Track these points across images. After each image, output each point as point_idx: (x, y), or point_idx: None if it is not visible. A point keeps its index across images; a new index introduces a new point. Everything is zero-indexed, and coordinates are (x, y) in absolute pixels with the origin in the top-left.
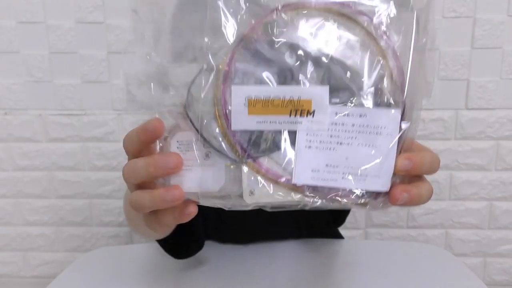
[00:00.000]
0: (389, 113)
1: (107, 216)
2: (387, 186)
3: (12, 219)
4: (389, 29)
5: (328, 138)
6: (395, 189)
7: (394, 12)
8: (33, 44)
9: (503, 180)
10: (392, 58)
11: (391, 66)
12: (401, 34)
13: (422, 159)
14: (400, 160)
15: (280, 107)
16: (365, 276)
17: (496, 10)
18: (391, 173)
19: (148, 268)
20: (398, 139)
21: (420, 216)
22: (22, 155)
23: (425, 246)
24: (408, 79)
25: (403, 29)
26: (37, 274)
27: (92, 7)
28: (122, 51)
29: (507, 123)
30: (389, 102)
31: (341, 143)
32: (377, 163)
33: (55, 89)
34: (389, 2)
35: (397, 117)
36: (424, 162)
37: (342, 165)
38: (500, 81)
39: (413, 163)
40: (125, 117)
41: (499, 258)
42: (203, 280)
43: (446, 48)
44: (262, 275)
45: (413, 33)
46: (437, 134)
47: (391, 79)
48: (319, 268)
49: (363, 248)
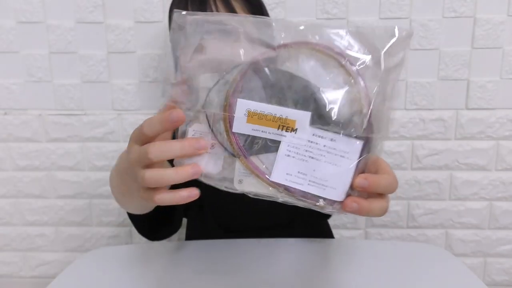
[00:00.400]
0: (354, 143)
1: (107, 216)
2: (342, 197)
3: (11, 219)
4: (365, 74)
5: (303, 152)
6: (348, 199)
7: (370, 61)
8: (33, 44)
9: (503, 180)
10: (365, 99)
11: (363, 104)
12: (375, 80)
13: (379, 180)
14: (358, 179)
15: (271, 121)
16: (365, 276)
17: (496, 10)
18: (346, 188)
19: (148, 268)
20: (358, 163)
21: (420, 216)
22: (22, 155)
23: (425, 246)
24: (376, 116)
25: (378, 75)
26: (37, 274)
27: (92, 7)
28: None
29: (507, 123)
30: (356, 134)
31: (313, 158)
32: (336, 178)
33: (55, 89)
34: (368, 55)
35: (358, 148)
36: (380, 184)
37: (310, 174)
38: (500, 81)
39: (369, 182)
40: (125, 117)
41: (499, 258)
42: (203, 280)
43: (446, 48)
44: (262, 275)
45: (384, 77)
46: (437, 134)
47: (360, 115)
48: (319, 268)
49: (363, 248)
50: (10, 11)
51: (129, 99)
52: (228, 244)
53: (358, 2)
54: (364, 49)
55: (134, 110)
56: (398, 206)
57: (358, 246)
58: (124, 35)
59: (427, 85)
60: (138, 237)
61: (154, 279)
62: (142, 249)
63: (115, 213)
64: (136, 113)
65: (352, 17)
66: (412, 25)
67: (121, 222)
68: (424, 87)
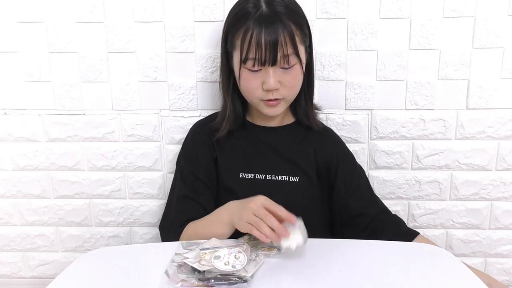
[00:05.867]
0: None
1: (107, 216)
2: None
3: (11, 219)
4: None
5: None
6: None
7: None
8: (33, 44)
9: (504, 180)
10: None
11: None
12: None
13: None
14: None
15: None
16: (365, 276)
17: (496, 10)
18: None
19: (148, 268)
20: None
21: (421, 216)
22: (22, 155)
23: (425, 246)
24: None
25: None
26: (37, 275)
27: (91, 6)
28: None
29: (508, 123)
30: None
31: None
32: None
33: (55, 89)
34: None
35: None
36: None
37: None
38: (500, 81)
39: None
40: (124, 117)
41: (500, 258)
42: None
43: (446, 48)
44: (262, 275)
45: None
46: (438, 134)
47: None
48: (319, 268)
49: (363, 248)
50: (10, 11)
51: (128, 99)
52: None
53: (358, 2)
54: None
55: (134, 110)
56: (398, 206)
57: (358, 246)
58: (124, 35)
59: (427, 85)
60: (138, 237)
61: (153, 279)
62: (142, 249)
63: (115, 213)
64: (136, 113)
65: (352, 17)
66: (412, 25)
67: (121, 222)
68: (424, 87)
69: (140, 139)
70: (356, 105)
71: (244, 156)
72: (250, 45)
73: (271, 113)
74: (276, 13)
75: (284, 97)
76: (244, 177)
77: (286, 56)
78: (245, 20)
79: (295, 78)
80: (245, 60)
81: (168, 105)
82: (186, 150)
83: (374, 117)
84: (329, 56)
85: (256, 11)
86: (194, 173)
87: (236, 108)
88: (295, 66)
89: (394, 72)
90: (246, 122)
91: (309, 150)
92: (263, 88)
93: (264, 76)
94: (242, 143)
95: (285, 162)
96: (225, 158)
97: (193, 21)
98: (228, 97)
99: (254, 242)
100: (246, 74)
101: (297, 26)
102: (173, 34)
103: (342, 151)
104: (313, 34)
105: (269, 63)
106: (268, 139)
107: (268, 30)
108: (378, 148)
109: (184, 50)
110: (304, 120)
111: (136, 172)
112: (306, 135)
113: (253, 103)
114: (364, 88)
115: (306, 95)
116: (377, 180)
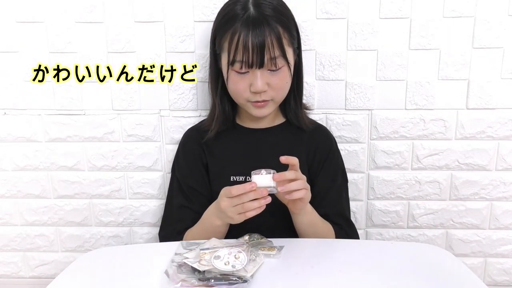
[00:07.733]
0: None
1: (107, 216)
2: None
3: (11, 219)
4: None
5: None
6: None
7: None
8: (33, 44)
9: (504, 180)
10: None
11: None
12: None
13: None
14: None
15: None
16: (365, 276)
17: (496, 10)
18: None
19: (148, 268)
20: None
21: (421, 216)
22: (22, 155)
23: (425, 246)
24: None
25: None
26: (37, 275)
27: (91, 6)
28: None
29: (508, 123)
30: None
31: None
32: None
33: (55, 89)
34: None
35: None
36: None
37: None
38: (500, 81)
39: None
40: (124, 117)
41: (500, 258)
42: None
43: (446, 48)
44: (262, 275)
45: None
46: (438, 134)
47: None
48: (319, 268)
49: (363, 248)
50: (10, 11)
51: (128, 99)
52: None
53: (358, 2)
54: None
55: (133, 110)
56: (398, 206)
57: (358, 246)
58: (124, 35)
59: (427, 85)
60: (138, 237)
61: (153, 279)
62: (142, 249)
63: (115, 213)
64: (135, 113)
65: (352, 17)
66: (412, 25)
67: (121, 222)
68: (424, 87)
69: (140, 139)
70: (356, 105)
71: (234, 159)
72: (237, 48)
73: (259, 114)
74: (263, 15)
75: (272, 98)
76: (235, 180)
77: (273, 58)
78: (233, 22)
79: (282, 80)
80: (232, 62)
81: (168, 105)
82: (179, 159)
83: (374, 117)
84: (329, 56)
85: (243, 14)
86: (187, 183)
87: (225, 108)
88: (282, 68)
89: (394, 72)
90: (236, 125)
91: (300, 150)
92: (251, 90)
93: (251, 78)
94: (232, 146)
95: (276, 163)
96: (215, 162)
97: (193, 21)
98: (216, 98)
99: (254, 242)
100: (234, 76)
101: (285, 28)
102: (173, 34)
103: (332, 150)
104: (313, 34)
105: (256, 66)
106: (258, 141)
107: (255, 33)
108: (378, 148)
109: (184, 50)
110: (294, 120)
111: (136, 172)
112: (298, 134)
113: (241, 104)
114: (364, 88)
115: (296, 96)
116: (377, 180)
